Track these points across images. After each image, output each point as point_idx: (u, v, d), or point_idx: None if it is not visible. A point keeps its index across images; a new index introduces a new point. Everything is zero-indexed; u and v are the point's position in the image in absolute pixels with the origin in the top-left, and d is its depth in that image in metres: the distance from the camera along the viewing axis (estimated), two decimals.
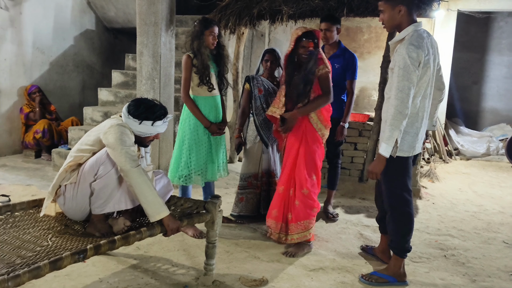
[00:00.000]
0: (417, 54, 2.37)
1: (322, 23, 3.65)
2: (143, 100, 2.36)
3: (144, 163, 2.54)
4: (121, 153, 2.16)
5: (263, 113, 3.48)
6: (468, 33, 8.09)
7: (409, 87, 2.38)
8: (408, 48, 2.39)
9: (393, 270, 2.65)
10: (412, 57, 2.37)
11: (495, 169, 6.23)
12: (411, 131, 2.52)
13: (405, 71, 2.38)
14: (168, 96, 4.41)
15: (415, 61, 2.38)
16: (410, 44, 2.40)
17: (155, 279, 2.55)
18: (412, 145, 2.54)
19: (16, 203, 2.47)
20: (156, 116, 2.32)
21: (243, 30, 5.09)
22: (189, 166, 3.23)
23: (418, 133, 2.55)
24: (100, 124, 2.38)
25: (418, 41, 2.41)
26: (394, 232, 2.64)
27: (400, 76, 2.39)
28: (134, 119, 2.28)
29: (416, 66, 2.38)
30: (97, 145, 2.31)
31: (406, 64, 2.38)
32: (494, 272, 2.87)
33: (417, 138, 2.56)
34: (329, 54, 3.69)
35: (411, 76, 2.38)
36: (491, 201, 4.57)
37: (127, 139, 2.23)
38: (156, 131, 2.36)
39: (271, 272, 2.71)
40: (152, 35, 4.19)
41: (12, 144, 5.74)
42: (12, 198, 3.77)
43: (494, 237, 3.51)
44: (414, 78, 2.39)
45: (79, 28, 6.62)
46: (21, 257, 1.88)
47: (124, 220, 2.29)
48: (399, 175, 2.58)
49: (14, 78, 5.65)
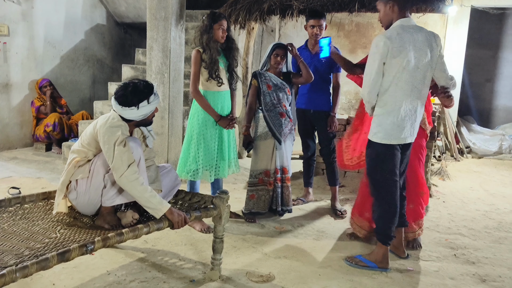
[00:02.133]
0: (384, 43, 2.49)
1: (311, 20, 3.67)
2: (125, 88, 2.29)
3: (151, 141, 2.55)
4: (110, 159, 2.17)
5: (274, 109, 3.46)
6: (481, 30, 7.96)
7: (371, 72, 2.55)
8: (378, 37, 2.54)
9: (375, 256, 2.76)
10: (378, 45, 2.52)
11: (507, 168, 6.13)
12: (386, 121, 2.61)
13: (370, 57, 2.58)
14: (177, 91, 4.41)
15: (380, 49, 2.50)
16: (381, 34, 2.55)
17: (162, 273, 2.55)
18: (390, 133, 2.61)
19: (26, 195, 2.49)
20: (147, 93, 2.29)
21: (253, 25, 5.06)
22: (198, 161, 3.23)
23: (399, 124, 2.60)
24: (94, 123, 2.34)
25: (391, 32, 2.54)
26: (377, 219, 2.75)
27: (367, 62, 2.60)
28: (131, 108, 2.25)
29: (380, 54, 2.50)
30: (93, 146, 2.31)
31: (372, 52, 2.56)
32: (505, 272, 2.82)
33: (397, 127, 2.60)
34: (314, 49, 3.74)
35: (374, 63, 2.54)
36: (503, 200, 4.50)
37: (113, 138, 2.19)
38: (154, 106, 2.35)
39: (278, 268, 2.70)
40: (162, 30, 4.19)
41: (23, 137, 5.80)
42: (22, 191, 3.79)
43: (505, 236, 3.46)
44: (377, 65, 2.52)
45: (90, 22, 6.65)
46: (29, 249, 1.89)
47: (133, 213, 2.30)
48: (378, 161, 2.69)
49: (26, 71, 5.70)
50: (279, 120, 3.47)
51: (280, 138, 3.46)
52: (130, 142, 2.25)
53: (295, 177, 4.55)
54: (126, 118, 2.30)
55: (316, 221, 3.60)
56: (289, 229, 3.38)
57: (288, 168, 3.56)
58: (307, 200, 4.04)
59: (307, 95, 3.81)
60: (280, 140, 3.47)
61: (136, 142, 2.32)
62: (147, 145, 2.54)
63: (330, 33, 5.47)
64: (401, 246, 2.94)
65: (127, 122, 2.32)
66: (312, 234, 3.31)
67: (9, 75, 5.49)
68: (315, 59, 3.72)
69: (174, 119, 4.42)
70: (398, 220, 2.78)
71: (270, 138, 3.48)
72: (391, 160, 2.66)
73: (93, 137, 2.28)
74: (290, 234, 3.29)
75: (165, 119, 4.30)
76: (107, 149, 2.18)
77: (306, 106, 3.84)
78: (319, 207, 3.94)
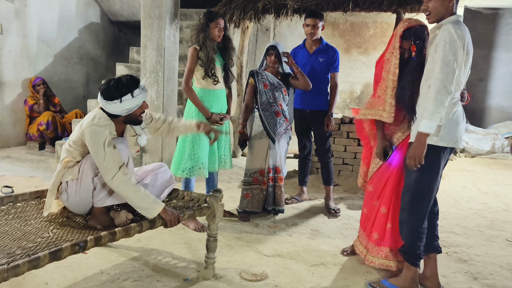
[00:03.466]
0: (462, 33, 2.21)
1: (308, 19, 3.68)
2: (109, 82, 2.26)
3: (143, 140, 2.48)
4: (101, 161, 2.13)
5: (270, 108, 3.47)
6: (475, 29, 8.00)
7: (454, 61, 2.18)
8: (455, 25, 2.23)
9: (403, 281, 2.42)
10: (458, 33, 2.20)
11: (500, 167, 6.18)
12: (453, 118, 2.31)
13: (451, 45, 2.18)
14: (171, 90, 4.41)
15: (461, 38, 2.20)
16: (456, 24, 2.25)
17: (155, 272, 2.55)
18: (454, 134, 2.31)
19: (19, 194, 2.48)
20: (130, 87, 2.23)
21: (248, 24, 5.07)
22: (193, 159, 3.23)
23: (459, 122, 2.34)
24: (81, 122, 2.30)
25: (460, 25, 2.26)
26: (406, 236, 2.43)
27: (447, 50, 2.19)
28: (114, 102, 2.20)
29: (462, 43, 2.21)
30: (79, 145, 2.27)
31: (452, 39, 2.19)
32: (497, 270, 2.85)
33: (458, 128, 2.33)
34: (312, 49, 3.76)
35: (457, 51, 2.19)
36: (495, 199, 4.54)
37: (100, 139, 2.15)
38: (139, 101, 2.27)
39: (272, 267, 2.70)
40: (157, 29, 4.18)
41: (16, 135, 5.77)
42: (15, 189, 3.79)
43: (497, 235, 3.49)
44: (460, 54, 2.20)
45: (84, 21, 6.62)
46: (21, 248, 1.88)
47: (127, 213, 2.28)
48: (431, 168, 2.34)
49: (19, 70, 5.66)
50: (274, 119, 3.47)
51: (274, 138, 3.47)
52: (118, 144, 2.21)
53: (289, 176, 4.56)
54: (110, 113, 2.25)
55: (310, 219, 3.61)
56: (283, 227, 3.39)
57: (282, 167, 3.56)
58: (301, 199, 4.05)
59: (303, 95, 3.82)
60: (274, 140, 3.47)
61: (123, 143, 2.29)
62: (139, 143, 2.52)
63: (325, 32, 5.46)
64: (434, 278, 2.52)
65: (114, 118, 2.27)
66: (306, 232, 3.32)
67: (2, 74, 5.46)
68: (312, 58, 3.74)
69: None
70: (431, 244, 2.51)
71: (265, 137, 3.49)
72: (441, 168, 2.38)
73: (79, 137, 2.25)
74: (284, 232, 3.29)
75: None
76: (96, 151, 2.14)
77: (302, 106, 3.85)
78: (313, 206, 3.95)
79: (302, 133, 3.95)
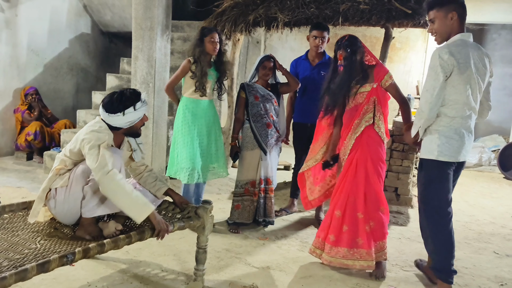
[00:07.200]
0: (449, 57, 2.31)
1: (315, 31, 3.71)
2: (111, 95, 2.31)
3: (138, 155, 2.53)
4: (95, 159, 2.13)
5: (261, 119, 3.48)
6: None
7: (434, 87, 2.35)
8: (442, 49, 2.35)
9: None
10: (443, 58, 2.32)
11: (487, 180, 6.27)
12: (453, 134, 2.42)
13: (432, 70, 2.36)
14: (162, 101, 4.41)
15: (446, 63, 2.32)
16: (445, 47, 2.36)
17: (144, 284, 2.52)
18: (456, 150, 2.43)
19: (6, 205, 2.44)
20: (133, 100, 2.28)
21: (239, 37, 5.10)
22: (186, 160, 3.39)
23: (464, 139, 2.44)
24: (80, 131, 2.32)
25: (455, 45, 2.36)
26: (434, 254, 2.50)
27: (428, 76, 2.40)
28: (117, 115, 2.25)
29: (445, 68, 2.33)
30: (74, 155, 2.27)
31: (435, 65, 2.35)
32: (484, 282, 2.87)
33: (460, 143, 2.43)
34: (315, 62, 3.81)
35: (438, 77, 2.34)
36: (482, 212, 4.59)
37: (98, 141, 2.18)
38: (141, 113, 2.33)
39: (261, 279, 2.69)
40: (148, 40, 4.20)
41: (4, 145, 5.70)
42: (2, 200, 3.72)
43: (485, 247, 3.52)
44: (440, 79, 2.34)
45: (74, 31, 6.62)
46: (8, 259, 1.85)
47: (116, 224, 2.26)
48: (435, 181, 2.48)
49: (8, 79, 5.62)
50: (265, 131, 3.49)
51: (265, 149, 3.48)
52: (114, 153, 2.22)
53: (279, 188, 4.56)
54: (113, 125, 2.29)
55: (300, 231, 3.61)
56: (273, 239, 3.38)
57: (273, 179, 3.57)
58: (290, 211, 4.05)
59: (305, 108, 3.80)
60: (265, 151, 3.49)
61: (118, 153, 2.30)
62: (134, 158, 2.53)
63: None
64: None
65: (115, 131, 2.31)
66: (296, 244, 3.32)
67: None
68: (315, 71, 3.76)
69: (159, 128, 4.41)
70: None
71: (257, 148, 3.50)
72: (447, 180, 2.48)
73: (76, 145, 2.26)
74: (273, 244, 3.29)
75: (149, 128, 4.28)
76: (91, 151, 2.14)
77: (303, 120, 3.84)
78: (303, 218, 3.96)
79: (301, 146, 3.89)
